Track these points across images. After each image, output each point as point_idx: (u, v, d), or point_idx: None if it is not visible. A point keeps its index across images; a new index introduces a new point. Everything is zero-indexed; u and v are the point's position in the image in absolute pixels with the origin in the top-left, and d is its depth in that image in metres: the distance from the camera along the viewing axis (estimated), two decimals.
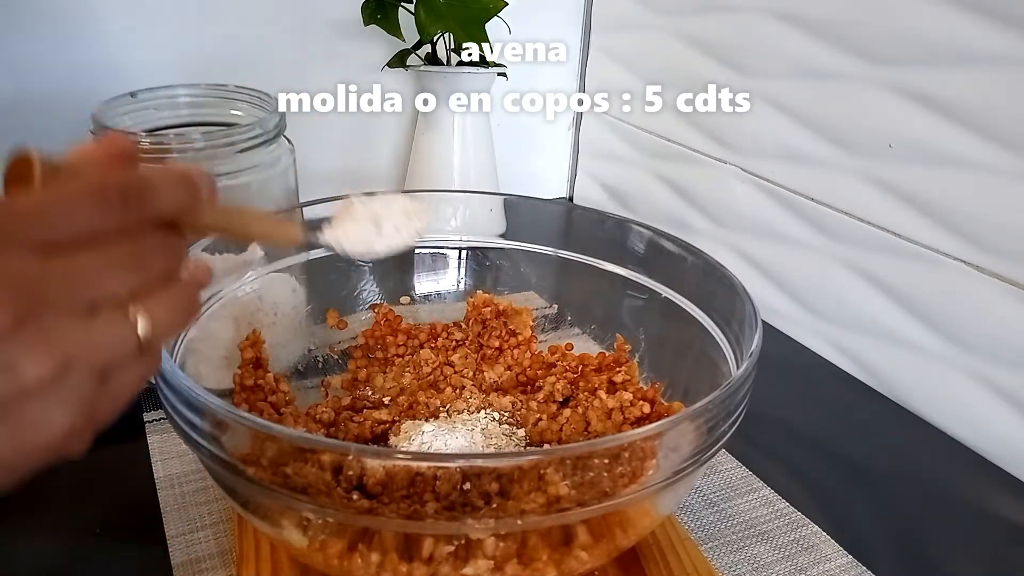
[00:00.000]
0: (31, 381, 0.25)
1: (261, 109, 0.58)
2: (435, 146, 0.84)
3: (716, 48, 0.79)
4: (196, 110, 0.60)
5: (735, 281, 0.47)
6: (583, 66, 1.01)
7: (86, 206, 0.26)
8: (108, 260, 0.27)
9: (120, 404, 0.29)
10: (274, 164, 0.57)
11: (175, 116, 0.59)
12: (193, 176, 0.30)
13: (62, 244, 0.26)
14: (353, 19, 0.77)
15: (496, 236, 0.63)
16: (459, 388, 0.56)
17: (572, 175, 1.08)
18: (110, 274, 0.27)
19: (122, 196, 0.27)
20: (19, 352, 0.25)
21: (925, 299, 0.63)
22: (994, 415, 0.59)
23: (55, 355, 0.26)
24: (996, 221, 0.57)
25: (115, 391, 0.29)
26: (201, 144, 0.54)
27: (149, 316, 0.28)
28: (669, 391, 0.51)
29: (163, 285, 0.29)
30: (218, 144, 0.54)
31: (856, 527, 0.51)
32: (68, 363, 0.26)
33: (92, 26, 0.78)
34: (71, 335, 0.26)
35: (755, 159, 0.77)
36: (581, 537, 0.38)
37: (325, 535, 0.37)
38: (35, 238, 0.25)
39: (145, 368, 0.29)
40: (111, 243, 0.27)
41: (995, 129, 0.56)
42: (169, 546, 0.46)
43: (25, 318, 0.25)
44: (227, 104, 0.60)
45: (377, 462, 0.39)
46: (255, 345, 0.51)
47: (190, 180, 0.30)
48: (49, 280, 0.25)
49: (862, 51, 0.64)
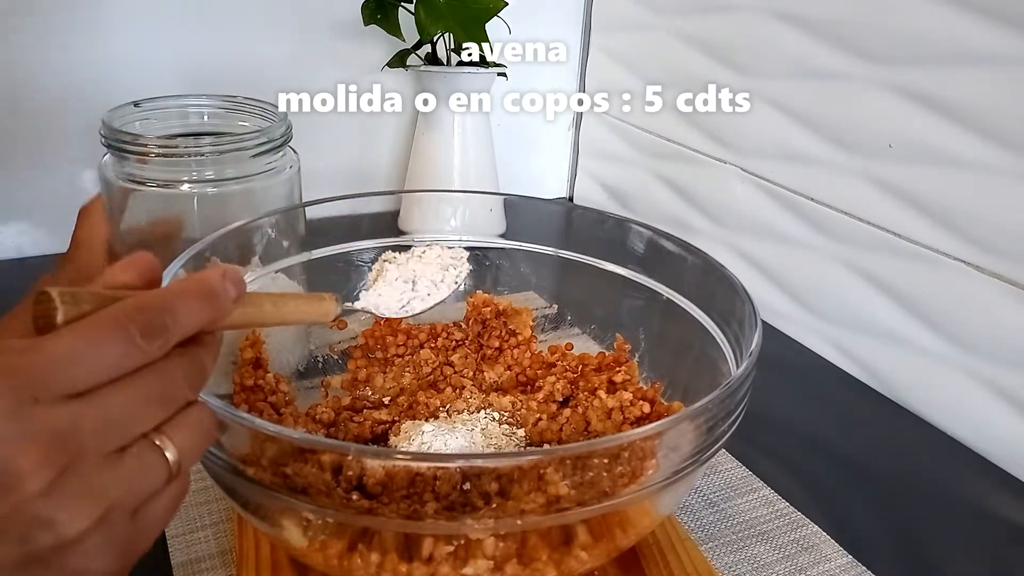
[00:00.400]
0: (73, 535, 0.25)
1: (268, 120, 0.59)
2: (435, 146, 0.84)
3: (716, 48, 0.79)
4: (204, 120, 0.61)
5: (735, 281, 0.47)
6: (583, 66, 1.01)
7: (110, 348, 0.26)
8: (136, 398, 0.27)
9: (155, 535, 0.29)
10: (279, 172, 0.58)
11: (184, 126, 0.60)
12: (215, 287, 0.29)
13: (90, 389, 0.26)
14: (353, 19, 0.77)
15: (496, 236, 0.63)
16: (459, 388, 0.56)
17: (572, 175, 1.08)
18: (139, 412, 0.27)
19: (145, 331, 0.27)
20: (59, 508, 0.25)
21: (925, 299, 0.63)
22: (994, 415, 0.59)
23: (96, 506, 0.26)
24: (996, 221, 0.57)
25: (150, 523, 0.28)
26: (209, 152, 0.54)
27: (174, 443, 0.28)
28: (669, 391, 0.51)
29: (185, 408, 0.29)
30: (226, 151, 0.54)
31: (856, 527, 0.51)
32: (108, 511, 0.26)
33: (95, 29, 0.78)
34: (107, 481, 0.26)
35: (755, 159, 0.77)
36: (581, 537, 0.38)
37: (325, 535, 0.37)
38: (65, 388, 0.25)
39: (177, 493, 0.30)
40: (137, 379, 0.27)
41: (995, 129, 0.56)
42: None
43: (63, 471, 0.25)
44: (235, 115, 0.61)
45: (377, 462, 0.39)
46: (255, 345, 0.51)
47: (212, 294, 0.29)
48: (83, 429, 0.25)
49: (862, 51, 0.64)
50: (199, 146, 0.54)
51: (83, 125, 0.78)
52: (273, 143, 0.56)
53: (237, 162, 0.55)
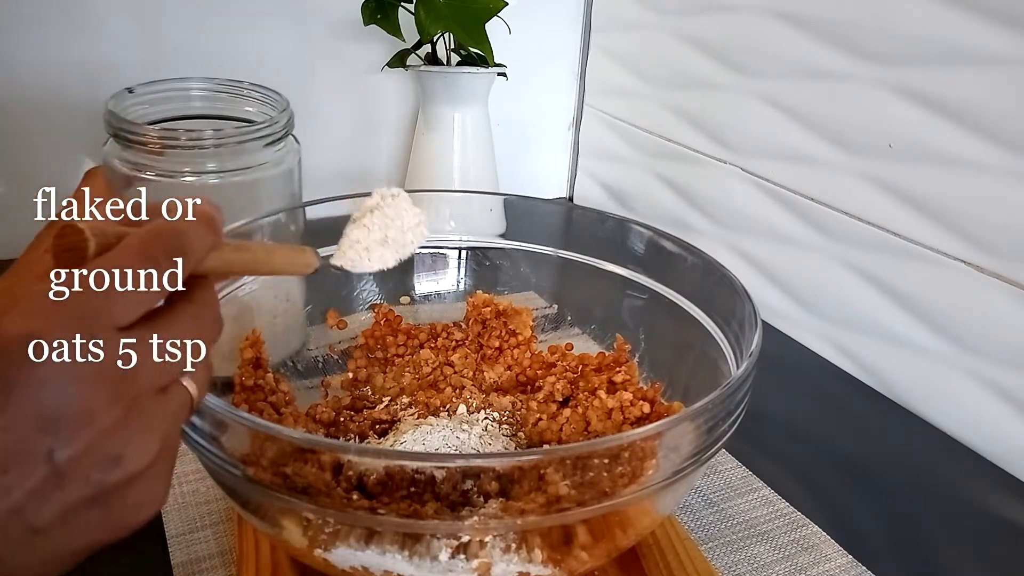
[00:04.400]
0: (139, 469, 0.26)
1: (271, 107, 0.59)
2: (435, 146, 0.84)
3: (716, 48, 0.79)
4: (208, 103, 0.61)
5: (735, 281, 0.47)
6: (583, 66, 1.01)
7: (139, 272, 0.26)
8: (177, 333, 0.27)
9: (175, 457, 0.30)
10: (281, 161, 0.58)
11: (187, 108, 0.60)
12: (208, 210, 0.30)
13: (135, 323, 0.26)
14: (353, 19, 0.77)
15: (496, 236, 0.63)
16: (459, 388, 0.56)
17: (572, 175, 1.08)
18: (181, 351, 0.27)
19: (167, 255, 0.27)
20: (125, 443, 0.25)
21: (925, 299, 0.63)
22: (994, 415, 0.59)
23: (156, 440, 0.26)
24: (996, 221, 0.57)
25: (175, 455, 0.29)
26: (211, 138, 0.54)
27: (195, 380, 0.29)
28: (669, 391, 0.51)
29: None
30: (228, 139, 0.55)
31: (856, 527, 0.51)
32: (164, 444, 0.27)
33: (92, 26, 0.78)
34: (160, 415, 0.27)
35: (755, 159, 0.77)
36: (581, 537, 0.38)
37: (325, 535, 0.37)
38: (117, 321, 0.25)
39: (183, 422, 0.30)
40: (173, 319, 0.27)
41: (995, 129, 0.56)
42: (169, 546, 0.46)
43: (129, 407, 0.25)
44: (239, 101, 0.61)
45: (377, 462, 0.39)
46: (255, 345, 0.51)
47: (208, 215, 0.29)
48: (142, 364, 0.26)
49: (862, 51, 0.64)
50: (201, 137, 0.55)
51: (77, 117, 0.78)
52: (275, 133, 0.56)
53: (240, 152, 0.55)
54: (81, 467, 0.24)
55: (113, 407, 0.25)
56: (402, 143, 0.95)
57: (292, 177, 0.59)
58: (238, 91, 0.61)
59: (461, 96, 0.81)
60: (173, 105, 0.59)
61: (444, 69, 0.80)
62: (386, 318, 0.59)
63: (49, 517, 0.24)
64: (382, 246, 0.42)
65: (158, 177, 0.54)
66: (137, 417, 0.26)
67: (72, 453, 0.24)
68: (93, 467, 0.25)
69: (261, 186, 0.57)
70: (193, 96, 0.60)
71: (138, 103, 0.58)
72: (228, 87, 0.61)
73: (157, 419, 0.27)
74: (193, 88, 0.61)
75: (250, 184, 0.56)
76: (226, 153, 0.55)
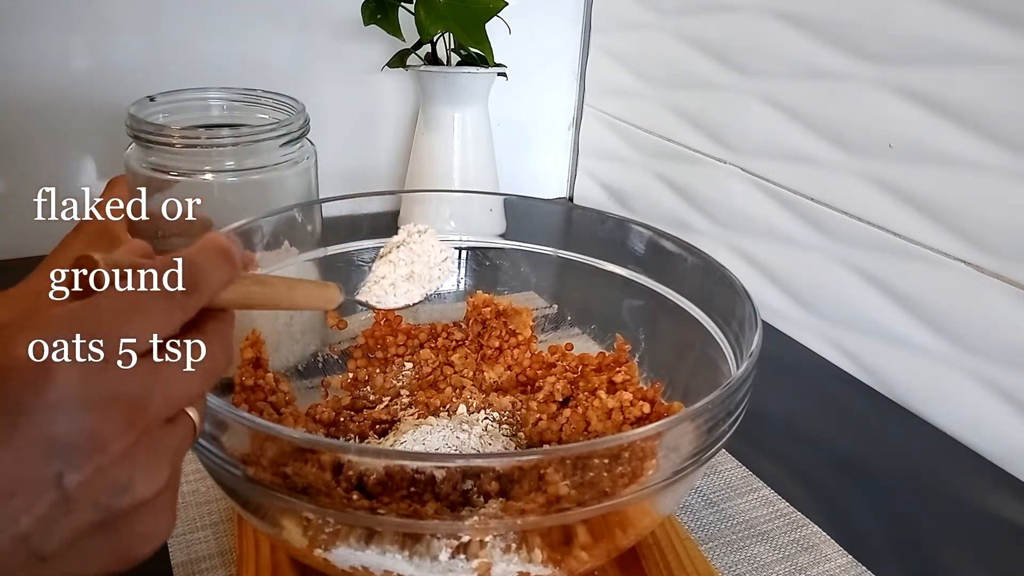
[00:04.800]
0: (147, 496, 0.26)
1: (287, 113, 0.61)
2: (435, 146, 0.84)
3: (716, 48, 0.79)
4: (225, 112, 0.63)
5: (735, 281, 0.47)
6: (583, 66, 1.01)
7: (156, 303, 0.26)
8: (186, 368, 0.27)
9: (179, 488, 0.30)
10: (297, 163, 0.59)
11: (206, 118, 0.62)
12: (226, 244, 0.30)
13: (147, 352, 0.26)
14: (353, 19, 0.77)
15: (496, 236, 0.63)
16: (459, 388, 0.56)
17: (572, 175, 1.08)
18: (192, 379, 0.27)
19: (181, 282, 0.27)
20: (135, 470, 0.25)
21: (925, 299, 0.63)
22: (994, 415, 0.59)
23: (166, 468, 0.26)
24: (996, 221, 0.57)
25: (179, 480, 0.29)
26: (230, 142, 0.56)
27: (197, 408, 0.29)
28: (669, 391, 0.51)
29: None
30: (245, 141, 0.56)
31: (856, 527, 0.51)
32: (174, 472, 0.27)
33: (93, 26, 0.78)
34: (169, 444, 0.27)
35: (755, 159, 0.77)
36: (581, 537, 0.38)
37: (325, 535, 0.37)
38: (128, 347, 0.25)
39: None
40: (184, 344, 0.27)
41: (995, 129, 0.56)
42: (169, 546, 0.46)
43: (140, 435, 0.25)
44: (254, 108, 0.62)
45: (377, 462, 0.39)
46: (255, 345, 0.51)
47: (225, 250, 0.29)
48: (152, 393, 0.26)
49: (862, 51, 0.64)
50: (220, 137, 0.56)
51: (76, 120, 0.78)
52: (291, 135, 0.58)
53: (257, 152, 0.57)
54: (90, 492, 0.24)
55: (126, 434, 0.25)
56: (402, 143, 0.95)
57: (308, 176, 0.61)
58: (254, 99, 0.63)
59: (461, 96, 0.81)
60: (192, 114, 0.61)
61: (444, 69, 0.80)
62: (386, 318, 0.59)
63: (56, 543, 0.24)
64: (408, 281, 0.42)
65: (179, 177, 0.56)
66: (147, 445, 0.25)
67: (82, 478, 0.24)
68: (102, 493, 0.25)
69: (278, 186, 0.58)
70: (211, 104, 0.62)
71: (158, 111, 0.60)
72: (244, 96, 0.63)
73: (165, 447, 0.27)
74: (211, 97, 0.63)
75: (267, 183, 0.58)
76: (244, 154, 0.56)
